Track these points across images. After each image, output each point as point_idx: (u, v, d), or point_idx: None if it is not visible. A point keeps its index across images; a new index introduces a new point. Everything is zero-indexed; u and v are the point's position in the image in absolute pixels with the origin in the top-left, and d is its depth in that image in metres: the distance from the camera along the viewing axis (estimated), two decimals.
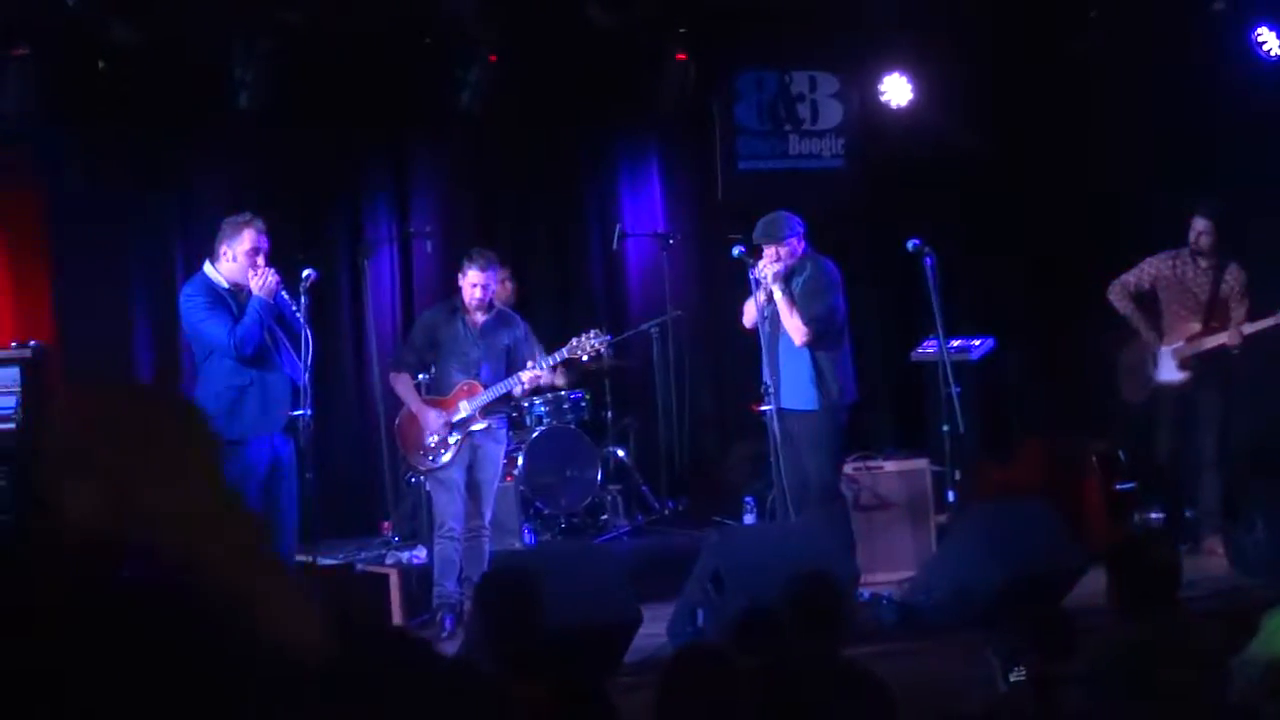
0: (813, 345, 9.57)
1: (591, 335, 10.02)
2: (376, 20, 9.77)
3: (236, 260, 8.97)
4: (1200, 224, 10.54)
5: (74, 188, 11.42)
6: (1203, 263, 10.59)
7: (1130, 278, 10.75)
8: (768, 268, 9.55)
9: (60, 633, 1.52)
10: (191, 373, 9.45)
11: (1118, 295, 10.80)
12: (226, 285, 9.02)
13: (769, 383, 9.68)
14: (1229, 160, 11.57)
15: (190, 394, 9.11)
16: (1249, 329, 10.32)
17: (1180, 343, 10.62)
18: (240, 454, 8.71)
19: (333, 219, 12.22)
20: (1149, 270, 10.72)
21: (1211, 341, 10.50)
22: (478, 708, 3.60)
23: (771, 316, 9.62)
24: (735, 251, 9.77)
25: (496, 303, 9.94)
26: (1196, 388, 10.60)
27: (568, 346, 9.95)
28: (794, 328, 9.54)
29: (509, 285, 10.91)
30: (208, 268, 9.09)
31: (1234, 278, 10.53)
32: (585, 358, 10.19)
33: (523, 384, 9.82)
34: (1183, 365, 10.62)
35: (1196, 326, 10.58)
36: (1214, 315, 10.53)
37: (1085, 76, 11.61)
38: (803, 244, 9.68)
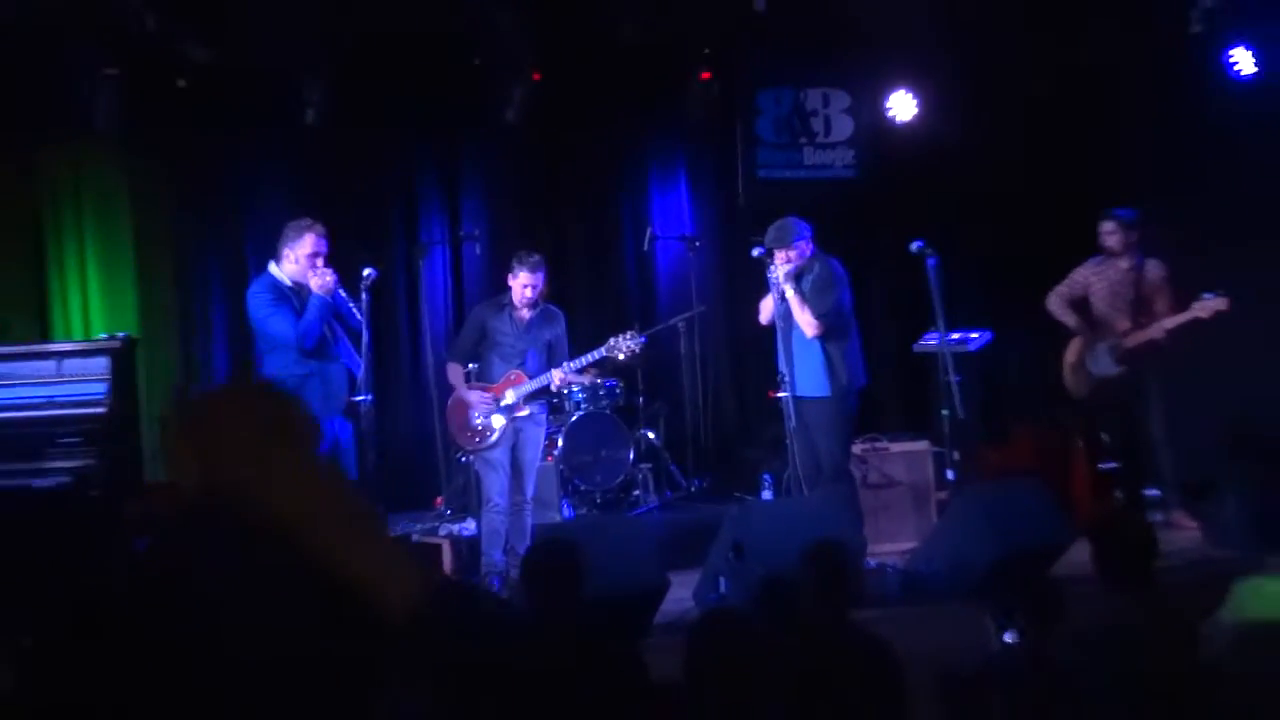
0: (823, 337, 9.60)
1: (628, 336, 10.05)
2: (429, 42, 9.79)
3: (298, 262, 9.05)
4: (1105, 225, 10.66)
5: (156, 193, 11.49)
6: (1122, 264, 10.64)
7: (1063, 288, 10.88)
8: (781, 268, 9.58)
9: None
10: (257, 362, 9.49)
11: (1055, 305, 10.92)
12: (289, 284, 9.09)
13: (784, 372, 9.70)
14: (1206, 166, 11.56)
15: None
16: (1169, 324, 10.38)
17: (1113, 340, 10.67)
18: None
19: (390, 223, 12.27)
20: (1079, 278, 10.83)
21: (1140, 337, 10.56)
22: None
23: (785, 312, 9.64)
24: (754, 253, 9.78)
25: (540, 299, 9.98)
26: (1135, 378, 10.66)
27: (606, 345, 9.99)
28: (805, 322, 9.57)
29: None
30: (272, 267, 9.17)
31: (1154, 274, 10.59)
32: (621, 356, 10.22)
33: (551, 383, 9.89)
34: (1118, 360, 10.68)
35: (1127, 323, 10.65)
36: (1141, 311, 10.61)
37: (1076, 91, 11.59)
38: (811, 246, 9.70)
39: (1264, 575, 4.87)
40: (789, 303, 9.60)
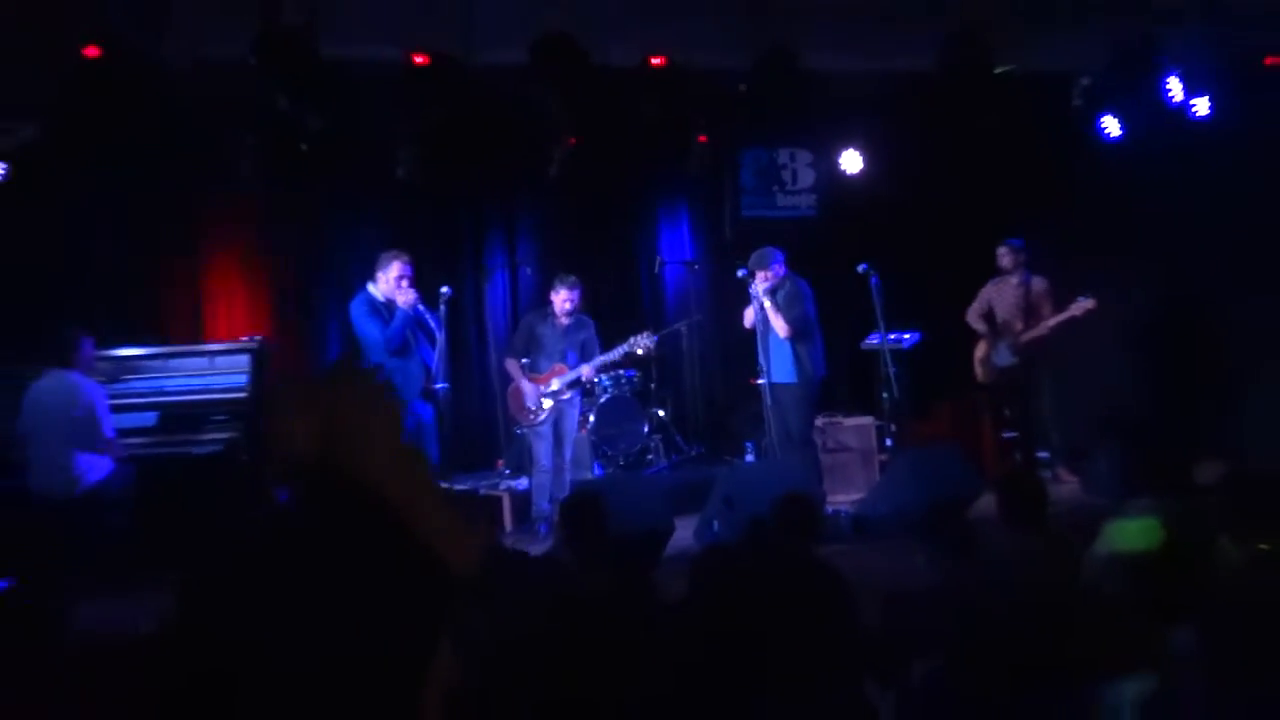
0: (793, 339, 9.63)
1: (644, 336, 10.18)
2: (493, 115, 9.81)
3: (388, 283, 9.15)
4: (1001, 250, 10.93)
5: (284, 231, 11.53)
6: (1013, 280, 10.76)
7: (975, 305, 11.12)
8: (760, 285, 9.62)
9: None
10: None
11: (971, 317, 11.15)
12: (381, 300, 9.20)
13: (762, 364, 9.73)
14: (1082, 205, 11.58)
15: None
16: (1053, 322, 10.48)
17: (1011, 338, 10.75)
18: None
19: (462, 253, 12.28)
20: (983, 294, 11.05)
21: (1031, 335, 10.64)
22: (563, 593, 3.65)
23: (764, 319, 9.67)
24: (739, 274, 9.81)
25: (575, 310, 10.03)
26: (1028, 367, 10.74)
27: (627, 343, 10.11)
28: (779, 327, 9.59)
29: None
30: (370, 286, 9.26)
31: (1039, 286, 10.78)
32: (639, 351, 10.31)
33: (582, 375, 9.99)
34: (1015, 354, 10.75)
35: (1020, 325, 10.73)
36: (1031, 315, 10.73)
37: (984, 149, 11.58)
38: (783, 268, 9.74)
39: (1126, 517, 4.87)
40: (767, 312, 9.64)
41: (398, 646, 1.46)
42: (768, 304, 9.64)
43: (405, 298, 9.19)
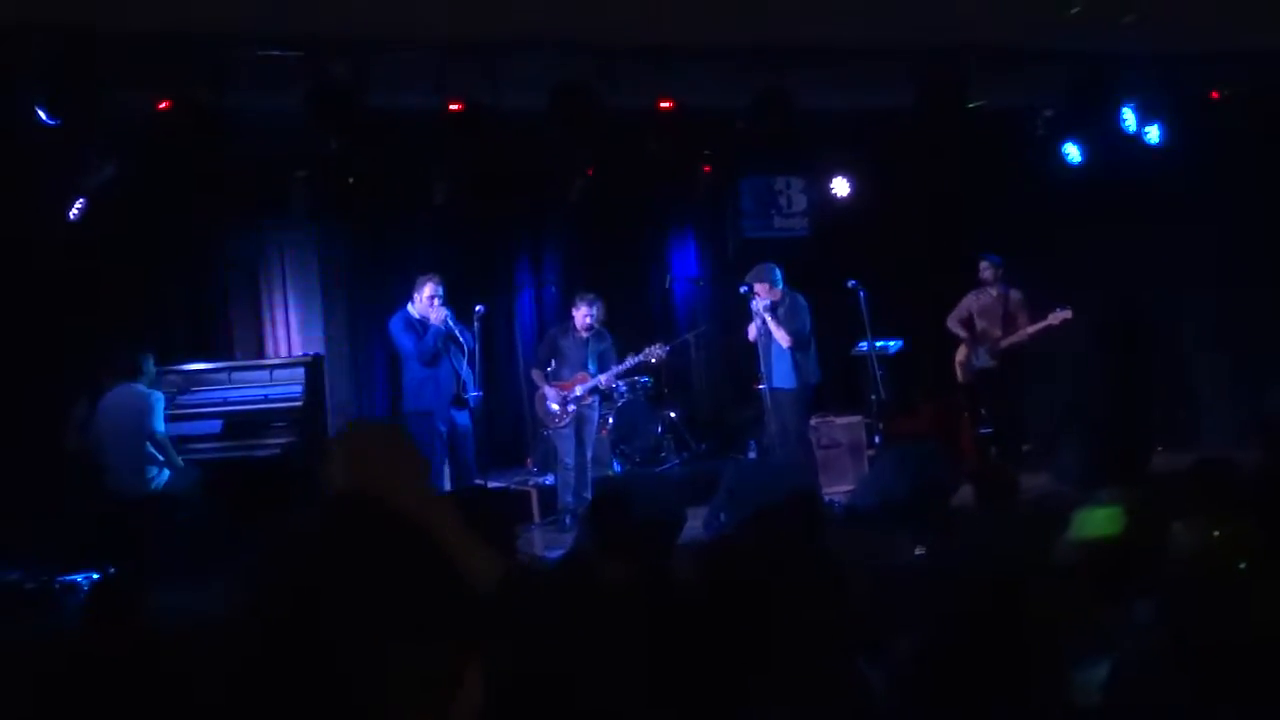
0: (792, 348, 9.62)
1: (656, 347, 10.19)
2: (518, 152, 9.83)
3: (423, 302, 9.23)
4: (982, 264, 10.93)
5: (334, 257, 11.57)
6: (992, 292, 10.76)
7: (956, 312, 11.06)
8: (761, 301, 9.62)
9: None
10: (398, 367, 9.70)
11: (951, 323, 11.10)
12: (417, 317, 9.28)
13: (764, 371, 9.73)
14: (1049, 223, 11.54)
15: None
16: (1032, 330, 10.46)
17: (990, 344, 10.73)
18: (430, 421, 9.00)
19: (494, 274, 12.28)
20: (964, 304, 11.00)
21: (1009, 340, 10.62)
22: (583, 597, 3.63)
23: (765, 330, 9.66)
24: (742, 290, 9.82)
25: (594, 324, 10.03)
26: (1005, 370, 10.71)
27: (643, 353, 10.11)
28: (780, 338, 9.59)
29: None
30: (408, 305, 9.32)
31: (1015, 297, 10.76)
32: (653, 360, 10.31)
33: (601, 382, 9.98)
34: (993, 356, 10.73)
35: (998, 332, 10.72)
36: (1008, 323, 10.69)
37: (960, 174, 11.56)
38: (782, 285, 9.73)
39: (1092, 505, 4.86)
40: (769, 324, 9.63)
41: (427, 666, 1.44)
42: (769, 318, 9.64)
43: (437, 315, 9.27)
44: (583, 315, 9.92)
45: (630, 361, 10.19)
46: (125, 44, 7.72)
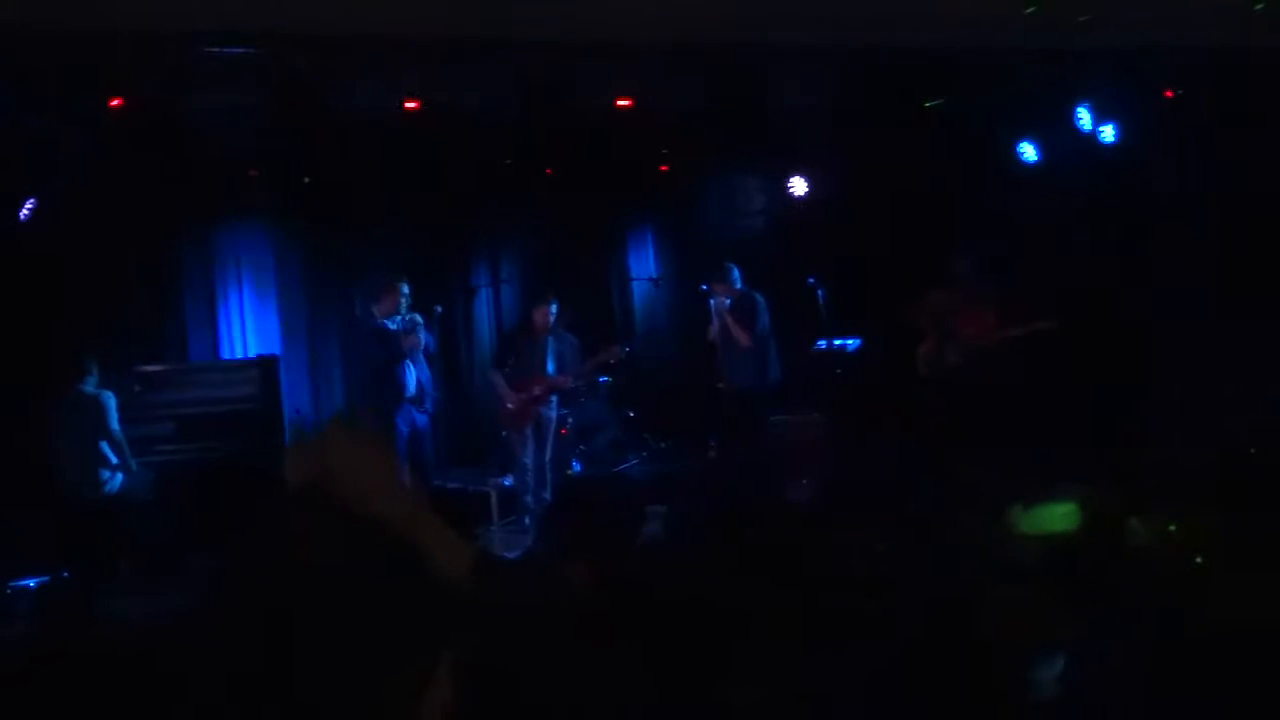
0: (752, 347, 9.65)
1: (615, 347, 10.17)
2: (476, 150, 9.82)
3: (385, 303, 9.23)
4: (955, 260, 10.73)
5: (292, 257, 11.50)
6: (963, 287, 10.71)
7: (923, 305, 10.90)
8: (720, 300, 9.66)
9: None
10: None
11: (918, 317, 10.96)
12: (380, 318, 9.26)
13: (724, 370, 9.76)
14: (1008, 220, 11.59)
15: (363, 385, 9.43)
16: (1014, 333, 10.44)
17: (958, 340, 10.73)
18: (390, 422, 9.02)
19: (452, 272, 12.23)
20: (934, 298, 10.84)
21: (984, 339, 10.61)
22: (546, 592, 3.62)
23: (725, 330, 9.69)
24: (702, 288, 9.84)
25: (554, 324, 10.01)
26: (973, 366, 10.71)
27: (604, 353, 10.08)
28: (740, 337, 9.62)
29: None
30: (371, 306, 9.32)
31: (984, 294, 10.67)
32: (613, 361, 10.30)
33: (560, 384, 9.98)
34: (962, 353, 10.73)
35: (968, 329, 10.70)
36: (978, 320, 10.65)
37: (917, 172, 11.60)
38: (740, 284, 9.77)
39: (1048, 502, 4.88)
40: (728, 324, 9.66)
41: (396, 663, 1.44)
42: (728, 318, 9.66)
43: (409, 339, 9.30)
44: (542, 316, 9.89)
45: (588, 364, 10.19)
46: (78, 41, 7.64)
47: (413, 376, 9.42)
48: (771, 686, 3.22)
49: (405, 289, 9.32)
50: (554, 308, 9.94)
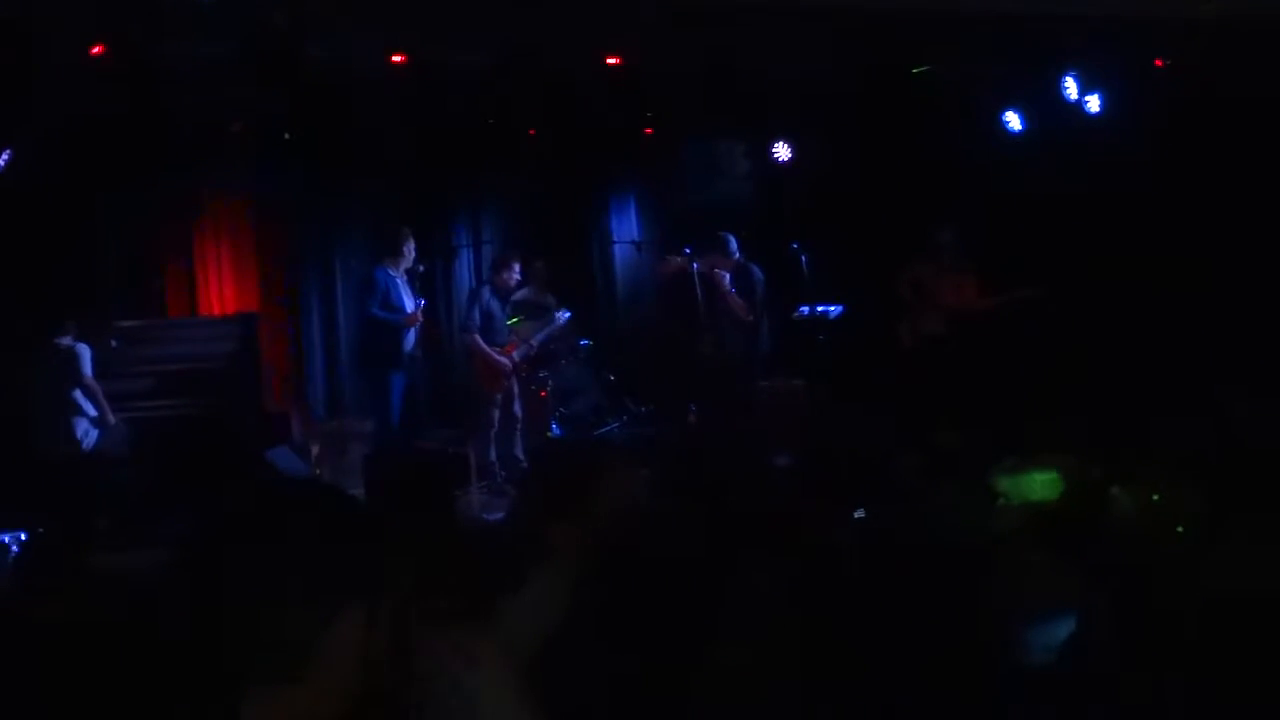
0: (748, 319, 9.72)
1: (561, 312, 10.20)
2: (460, 108, 9.74)
3: (401, 257, 9.27)
4: (937, 230, 10.84)
5: (271, 214, 11.44)
6: (945, 257, 10.72)
7: (906, 275, 10.93)
8: (717, 271, 9.71)
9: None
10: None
11: (900, 287, 10.97)
12: (394, 273, 9.29)
13: (708, 337, 9.80)
14: (987, 191, 11.57)
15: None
16: (997, 301, 10.46)
17: (939, 311, 10.75)
18: (391, 374, 8.95)
19: (432, 233, 12.09)
20: (915, 268, 10.87)
21: (967, 308, 10.64)
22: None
23: (709, 298, 9.73)
24: (686, 251, 9.84)
25: (532, 285, 10.01)
26: (955, 337, 10.73)
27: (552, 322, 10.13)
28: (738, 308, 9.66)
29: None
30: (386, 261, 9.31)
31: (967, 265, 10.70)
32: (559, 323, 10.35)
33: (532, 347, 9.99)
34: (943, 324, 10.76)
35: (949, 299, 10.72)
36: (959, 290, 10.68)
37: (900, 140, 11.55)
38: (739, 255, 9.81)
39: (1031, 470, 4.88)
40: (725, 296, 9.71)
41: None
42: (725, 289, 9.70)
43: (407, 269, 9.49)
44: (511, 274, 9.91)
45: (543, 334, 10.25)
46: None
47: (412, 334, 9.45)
48: (753, 651, 3.21)
49: (412, 243, 9.42)
50: (517, 268, 9.97)
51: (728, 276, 9.82)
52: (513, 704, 2.14)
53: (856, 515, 5.51)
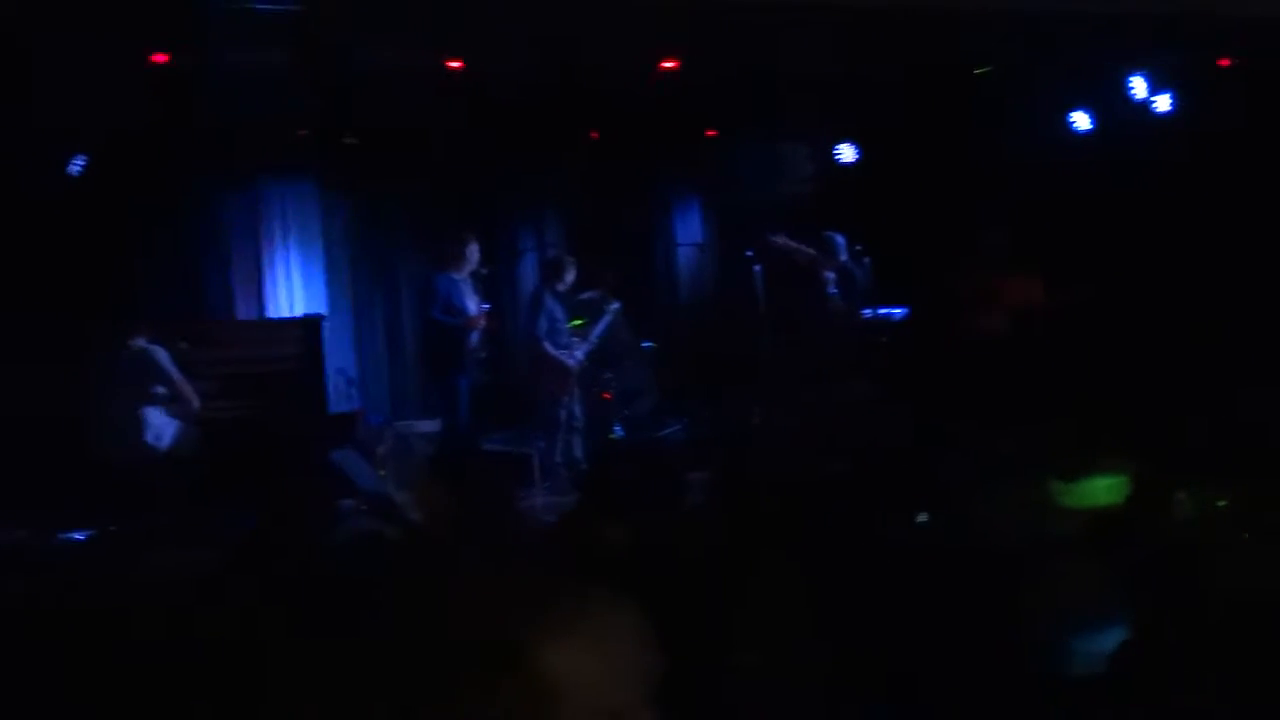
0: (844, 320, 9.77)
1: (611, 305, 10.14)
2: (521, 112, 9.80)
3: (463, 261, 9.34)
4: (989, 231, 10.58)
5: (337, 216, 11.57)
6: (1006, 260, 10.50)
7: (968, 277, 10.66)
8: (825, 272, 9.76)
9: None
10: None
11: (965, 286, 10.76)
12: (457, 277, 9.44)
13: (786, 338, 9.85)
14: (1052, 192, 11.41)
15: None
16: (1050, 301, 10.29)
17: (1004, 311, 10.52)
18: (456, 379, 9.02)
19: (497, 237, 12.16)
20: (979, 269, 10.61)
21: (1023, 310, 10.43)
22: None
23: (807, 297, 9.77)
24: (748, 254, 9.85)
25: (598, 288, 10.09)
26: (1012, 338, 10.54)
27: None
28: (837, 310, 9.74)
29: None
30: (447, 266, 9.39)
31: (1024, 267, 10.48)
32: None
33: (593, 341, 10.05)
34: (1002, 323, 10.55)
35: (1011, 299, 10.50)
36: (1018, 292, 10.48)
37: (965, 140, 11.45)
38: (845, 256, 9.90)
39: (1094, 474, 4.82)
40: (825, 296, 9.75)
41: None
42: (829, 289, 9.76)
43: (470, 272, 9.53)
44: (566, 277, 9.98)
45: (599, 328, 10.30)
46: None
47: (475, 337, 9.52)
48: (804, 655, 3.19)
49: (476, 247, 9.47)
50: (572, 270, 10.03)
51: (831, 276, 9.82)
52: None
53: (918, 519, 5.48)
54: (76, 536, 7.94)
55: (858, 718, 3.10)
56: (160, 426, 8.53)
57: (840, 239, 9.90)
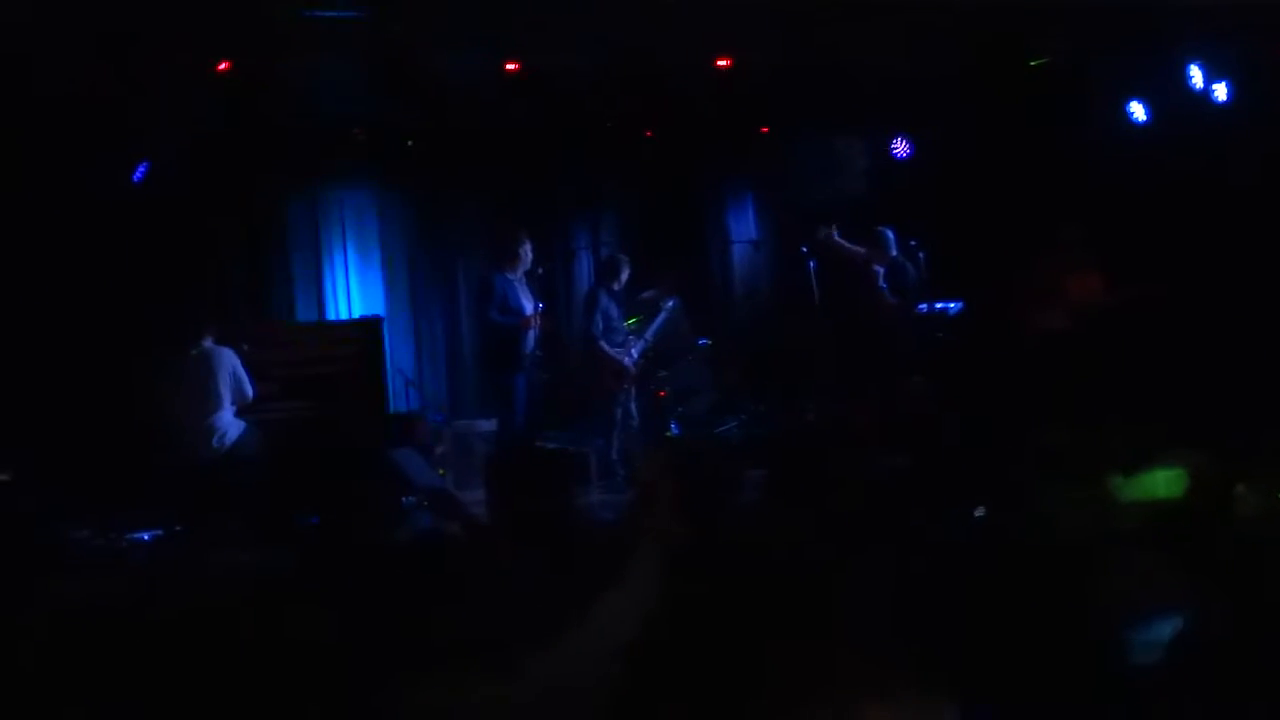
0: (896, 315, 9.74)
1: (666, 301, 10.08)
2: (576, 113, 9.83)
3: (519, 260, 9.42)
4: (1063, 226, 10.44)
5: (395, 218, 11.65)
6: (1068, 255, 10.37)
7: (1029, 270, 10.54)
8: (877, 268, 9.74)
9: None
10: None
11: (1024, 281, 10.66)
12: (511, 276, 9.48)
13: (844, 336, 9.85)
14: (1110, 184, 11.28)
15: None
16: (1119, 297, 10.16)
17: (1061, 307, 10.43)
18: (514, 378, 9.11)
19: (552, 237, 12.19)
20: (1037, 264, 10.50)
21: (1083, 305, 10.32)
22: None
23: (862, 294, 9.75)
24: (803, 250, 9.82)
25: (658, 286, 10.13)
26: (1079, 334, 10.43)
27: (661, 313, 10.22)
28: (889, 306, 9.69)
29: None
30: (503, 265, 9.45)
31: (1090, 261, 10.37)
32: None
33: (648, 339, 10.06)
34: (1068, 319, 10.45)
35: (1074, 293, 10.37)
36: (1082, 286, 10.37)
37: (1020, 134, 11.35)
38: (895, 251, 9.86)
39: (1154, 467, 4.77)
40: (877, 292, 9.71)
41: None
42: (880, 284, 9.72)
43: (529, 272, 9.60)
44: (620, 275, 10.01)
45: (655, 325, 10.30)
46: (185, 5, 7.75)
47: (532, 336, 9.56)
48: (859, 653, 3.18)
49: (530, 246, 9.51)
50: (626, 269, 10.05)
51: (882, 272, 9.78)
52: None
53: (976, 514, 5.45)
54: (143, 537, 8.05)
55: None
56: (225, 427, 8.62)
57: (893, 234, 9.84)
